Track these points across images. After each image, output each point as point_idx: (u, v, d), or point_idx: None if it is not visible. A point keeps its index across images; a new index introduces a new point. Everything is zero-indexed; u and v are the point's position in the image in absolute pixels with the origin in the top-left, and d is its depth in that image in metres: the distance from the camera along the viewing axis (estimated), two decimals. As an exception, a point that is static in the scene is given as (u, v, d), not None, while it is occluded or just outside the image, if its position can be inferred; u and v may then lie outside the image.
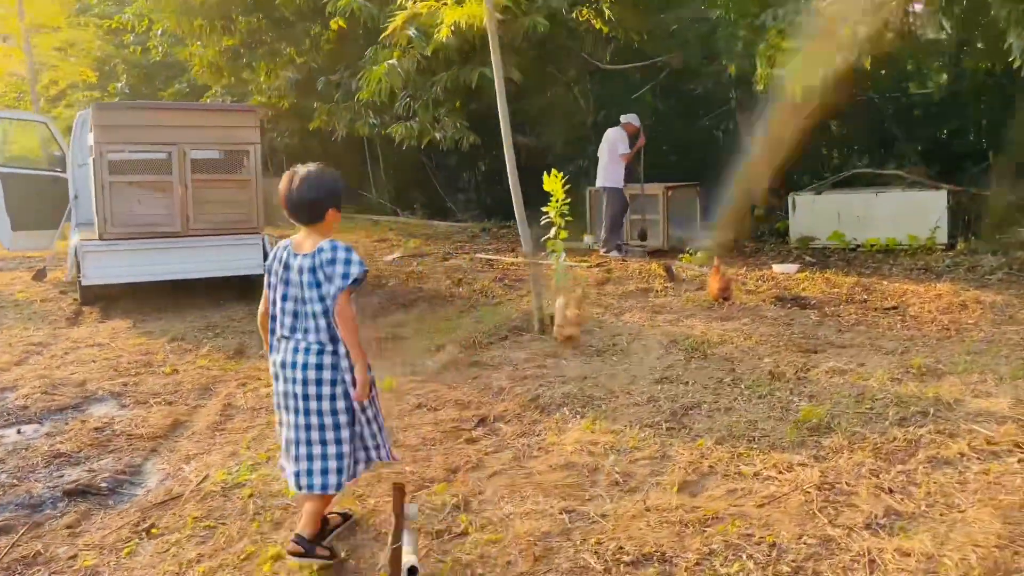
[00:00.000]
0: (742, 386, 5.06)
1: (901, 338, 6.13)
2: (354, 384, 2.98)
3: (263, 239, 8.04)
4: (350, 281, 2.88)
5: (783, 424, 4.31)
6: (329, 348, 2.96)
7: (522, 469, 3.87)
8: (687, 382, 5.19)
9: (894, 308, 7.15)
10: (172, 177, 7.69)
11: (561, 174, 6.59)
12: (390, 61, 8.68)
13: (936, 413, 4.34)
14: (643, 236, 11.28)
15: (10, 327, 7.09)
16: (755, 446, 4.02)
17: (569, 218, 6.71)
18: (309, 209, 2.97)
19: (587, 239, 12.11)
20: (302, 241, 3.01)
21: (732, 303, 7.52)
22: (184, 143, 7.69)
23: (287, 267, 2.99)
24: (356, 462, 3.11)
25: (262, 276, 3.23)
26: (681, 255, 10.14)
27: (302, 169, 3.00)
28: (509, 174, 6.61)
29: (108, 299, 8.16)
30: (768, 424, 4.33)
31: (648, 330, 6.63)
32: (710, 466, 3.81)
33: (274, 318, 3.04)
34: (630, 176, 11.13)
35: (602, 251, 11.06)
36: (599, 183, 11.18)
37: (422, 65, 8.63)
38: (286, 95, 13.72)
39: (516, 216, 6.81)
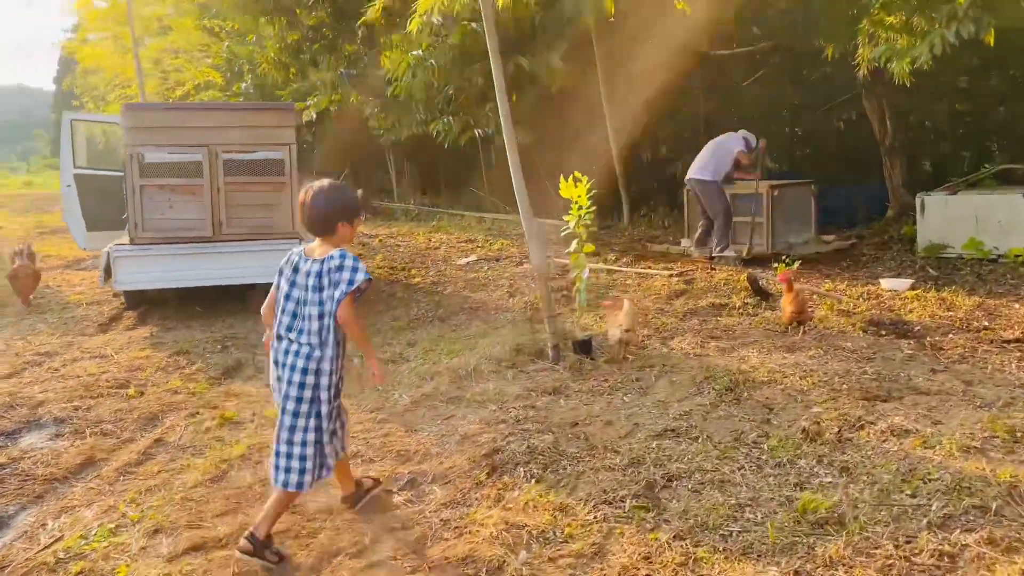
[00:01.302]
0: (763, 447, 4.00)
1: (1010, 384, 4.77)
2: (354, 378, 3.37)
3: (300, 245, 7.59)
4: (353, 287, 3.07)
5: (780, 513, 3.25)
6: (316, 353, 3.13)
7: (412, 561, 3.07)
8: (695, 438, 4.17)
9: (1016, 341, 5.70)
10: (203, 180, 7.39)
11: (585, 178, 5.68)
12: (415, 52, 7.98)
13: (1001, 510, 3.14)
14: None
15: (36, 333, 7.02)
16: (722, 547, 3.01)
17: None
18: (322, 223, 3.18)
19: (684, 243, 10.96)
20: (314, 248, 3.24)
21: (808, 329, 6.30)
22: (216, 144, 7.36)
23: (295, 270, 3.21)
24: (323, 465, 3.23)
25: None
26: (776, 264, 8.85)
27: (316, 185, 3.20)
28: (513, 174, 5.72)
29: (152, 303, 8.02)
30: (761, 511, 3.28)
31: (689, 360, 5.60)
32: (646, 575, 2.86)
33: (278, 316, 3.22)
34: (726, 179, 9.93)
35: (716, 251, 9.87)
36: (691, 174, 10.00)
37: (454, 56, 7.87)
38: (341, 90, 13.33)
39: (523, 223, 5.92)
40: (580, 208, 5.80)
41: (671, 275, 9.08)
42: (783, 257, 9.01)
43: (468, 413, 4.68)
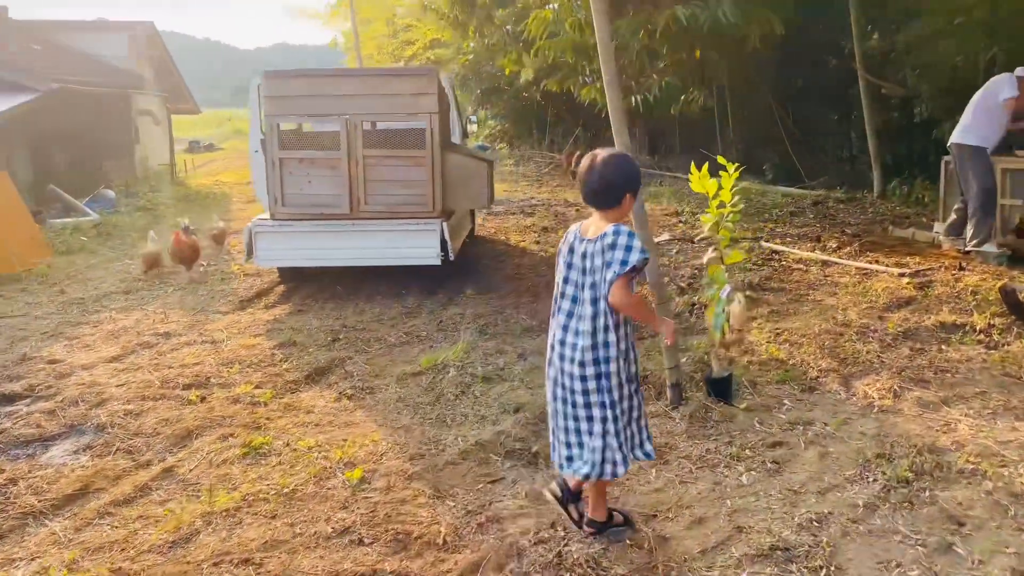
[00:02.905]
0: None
1: None
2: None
3: (442, 225, 6.84)
4: (628, 268, 2.84)
5: None
6: (600, 338, 2.93)
7: None
8: (825, 567, 2.81)
9: None
10: (340, 153, 6.85)
11: (733, 166, 4.29)
12: (551, 5, 6.70)
13: None
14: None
15: (171, 308, 6.94)
16: None
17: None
18: (605, 194, 2.97)
19: (936, 228, 8.77)
20: (589, 226, 3.03)
21: None
22: (352, 113, 6.77)
23: (571, 251, 3.03)
24: (622, 451, 2.99)
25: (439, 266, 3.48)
26: (1051, 270, 6.68)
27: (602, 153, 3.02)
28: (615, 132, 4.37)
29: (305, 278, 7.73)
30: None
31: (867, 419, 4.09)
32: None
33: (556, 300, 3.08)
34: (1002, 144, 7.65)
35: (970, 245, 7.78)
36: (954, 139, 7.84)
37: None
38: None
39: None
40: (722, 206, 4.39)
41: (901, 274, 7.17)
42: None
43: (519, 477, 3.63)
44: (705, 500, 3.38)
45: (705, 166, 4.37)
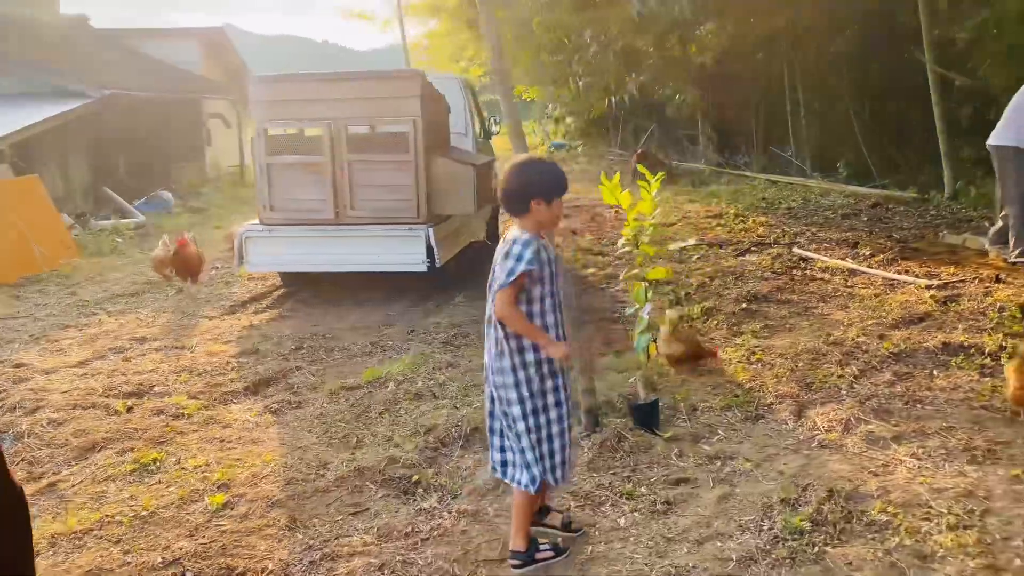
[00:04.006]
0: None
1: None
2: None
3: (428, 232, 6.67)
4: (512, 278, 2.76)
5: None
6: (506, 346, 2.85)
7: None
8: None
9: None
10: (325, 158, 6.76)
11: (658, 175, 3.93)
12: None
13: None
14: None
15: (164, 312, 7.02)
16: None
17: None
18: (509, 201, 2.91)
19: (989, 233, 7.98)
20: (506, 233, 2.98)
21: None
22: (335, 118, 6.66)
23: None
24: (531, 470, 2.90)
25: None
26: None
27: (517, 158, 2.98)
28: (511, 138, 4.06)
29: (305, 282, 7.71)
30: None
31: (797, 455, 3.67)
32: None
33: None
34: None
35: (1012, 256, 7.08)
36: (990, 140, 7.12)
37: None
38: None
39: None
40: (637, 220, 4.01)
41: (928, 286, 6.53)
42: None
43: (385, 509, 3.40)
44: (568, 543, 3.06)
45: (617, 176, 4.00)
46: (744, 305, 6.37)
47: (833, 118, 15.24)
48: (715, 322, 6.01)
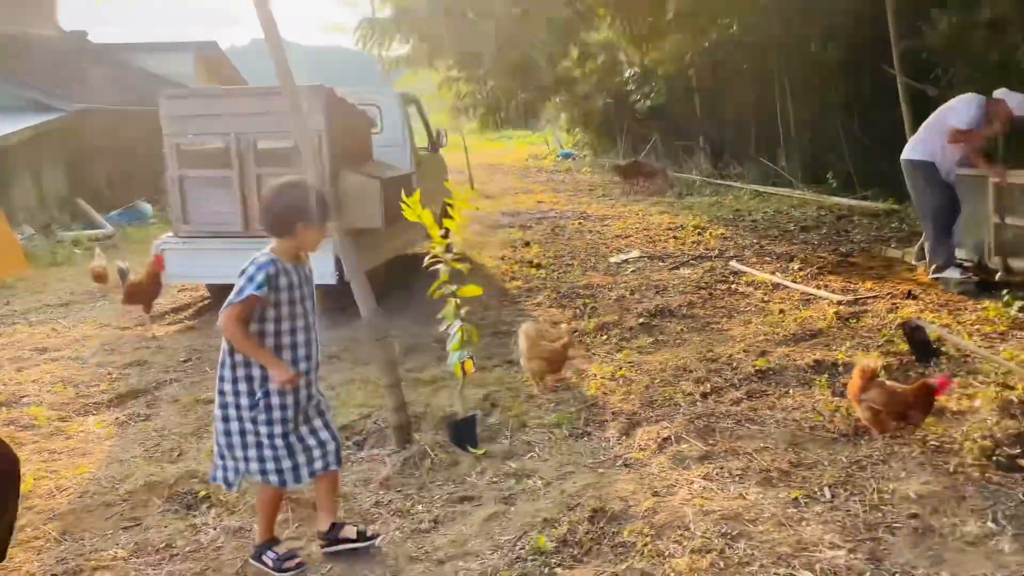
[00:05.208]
0: None
1: None
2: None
3: (334, 245, 6.68)
4: (240, 298, 2.77)
5: None
6: (228, 359, 2.89)
7: None
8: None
9: None
10: (232, 171, 6.84)
11: (466, 195, 3.92)
12: None
13: None
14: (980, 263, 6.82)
15: (81, 323, 7.12)
16: None
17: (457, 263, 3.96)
18: (270, 222, 2.92)
19: (915, 248, 7.84)
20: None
21: (905, 429, 3.79)
22: (240, 132, 6.74)
23: None
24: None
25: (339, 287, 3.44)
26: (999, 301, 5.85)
27: (274, 183, 2.97)
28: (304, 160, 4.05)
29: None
30: None
31: (587, 474, 3.61)
32: None
33: None
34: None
35: (930, 272, 6.95)
36: (905, 154, 6.98)
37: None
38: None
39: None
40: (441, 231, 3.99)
41: (839, 301, 6.41)
42: (1005, 293, 5.91)
43: (160, 524, 3.41)
44: (310, 564, 3.04)
45: (417, 194, 3.98)
46: (644, 320, 6.29)
47: (824, 129, 15.03)
48: (605, 337, 5.95)
